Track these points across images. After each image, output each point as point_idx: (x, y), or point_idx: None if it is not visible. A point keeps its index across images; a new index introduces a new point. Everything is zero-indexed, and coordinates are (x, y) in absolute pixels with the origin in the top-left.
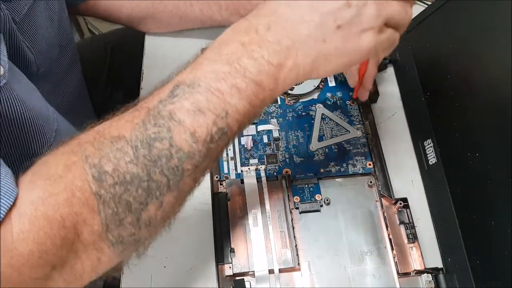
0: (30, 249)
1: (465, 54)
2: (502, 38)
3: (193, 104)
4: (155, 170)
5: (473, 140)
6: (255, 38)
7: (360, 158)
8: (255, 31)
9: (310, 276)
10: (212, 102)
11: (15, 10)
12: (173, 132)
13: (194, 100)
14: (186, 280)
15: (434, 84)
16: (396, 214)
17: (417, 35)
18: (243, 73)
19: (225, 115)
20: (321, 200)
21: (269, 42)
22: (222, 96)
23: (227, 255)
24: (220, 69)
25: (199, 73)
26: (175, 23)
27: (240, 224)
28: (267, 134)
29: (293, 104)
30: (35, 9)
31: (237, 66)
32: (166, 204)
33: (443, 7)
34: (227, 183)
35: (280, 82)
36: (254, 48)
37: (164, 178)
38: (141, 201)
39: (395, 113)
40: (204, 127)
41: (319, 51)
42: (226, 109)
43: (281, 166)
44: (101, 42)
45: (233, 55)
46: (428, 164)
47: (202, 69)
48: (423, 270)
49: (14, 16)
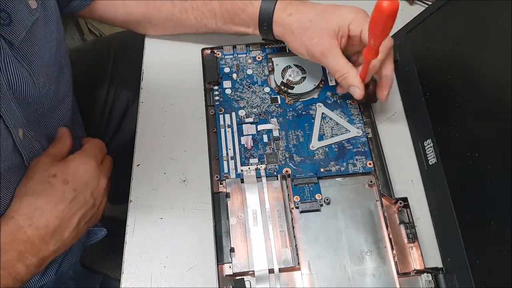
0: None
1: (465, 54)
2: (502, 38)
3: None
4: None
5: (473, 140)
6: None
7: (360, 158)
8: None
9: (310, 275)
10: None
11: (14, 34)
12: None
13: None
14: (186, 280)
15: (434, 84)
16: (396, 213)
17: (417, 35)
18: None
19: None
20: (321, 200)
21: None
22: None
23: (227, 255)
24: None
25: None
26: (170, 28)
27: (240, 224)
28: (267, 134)
29: (293, 104)
30: (34, 31)
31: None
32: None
33: (443, 7)
34: (227, 183)
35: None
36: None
37: None
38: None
39: (395, 113)
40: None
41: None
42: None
43: (281, 165)
44: (104, 45)
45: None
46: (428, 164)
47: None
48: (423, 270)
49: (13, 40)
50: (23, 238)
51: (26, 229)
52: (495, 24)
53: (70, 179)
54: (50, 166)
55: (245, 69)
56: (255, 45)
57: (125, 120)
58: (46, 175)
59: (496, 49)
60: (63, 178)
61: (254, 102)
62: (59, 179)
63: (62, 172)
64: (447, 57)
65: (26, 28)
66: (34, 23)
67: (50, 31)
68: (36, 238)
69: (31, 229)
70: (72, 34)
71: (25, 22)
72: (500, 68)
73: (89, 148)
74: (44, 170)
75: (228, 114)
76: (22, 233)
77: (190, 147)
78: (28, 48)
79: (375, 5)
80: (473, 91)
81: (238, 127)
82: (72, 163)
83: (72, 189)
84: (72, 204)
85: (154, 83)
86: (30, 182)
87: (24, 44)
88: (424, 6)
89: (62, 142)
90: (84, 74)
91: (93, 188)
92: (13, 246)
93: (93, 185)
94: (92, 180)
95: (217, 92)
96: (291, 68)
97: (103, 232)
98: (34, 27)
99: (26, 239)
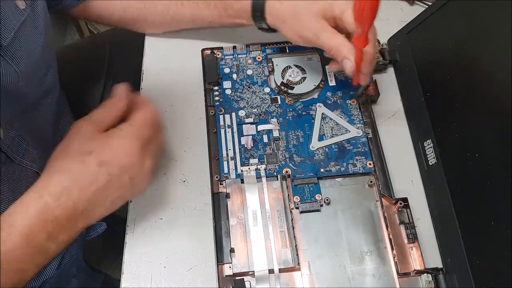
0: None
1: (465, 54)
2: (502, 38)
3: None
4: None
5: (473, 140)
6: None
7: (360, 158)
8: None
9: (310, 276)
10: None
11: (2, 34)
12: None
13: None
14: (186, 280)
15: (434, 84)
16: (396, 214)
17: (417, 35)
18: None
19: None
20: (321, 200)
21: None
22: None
23: (227, 255)
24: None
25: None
26: (167, 23)
27: (240, 224)
28: (267, 134)
29: (293, 104)
30: (23, 31)
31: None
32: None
33: (443, 7)
34: (227, 183)
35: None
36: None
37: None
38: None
39: (395, 113)
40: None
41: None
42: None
43: (281, 165)
44: (100, 41)
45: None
46: (428, 164)
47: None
48: (423, 270)
49: (1, 41)
50: (51, 218)
51: (54, 209)
52: (495, 24)
53: (107, 161)
54: (88, 140)
55: (245, 70)
56: (255, 46)
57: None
58: (82, 151)
59: (496, 49)
60: (99, 158)
61: (254, 103)
62: (94, 159)
63: (100, 150)
64: (447, 57)
65: (14, 29)
66: (23, 23)
67: (39, 31)
68: (63, 218)
69: (59, 209)
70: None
71: (13, 23)
72: (500, 68)
73: (137, 122)
74: (81, 143)
75: (228, 114)
76: (50, 213)
77: (190, 147)
78: (17, 49)
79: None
80: (473, 91)
81: (238, 128)
82: (114, 141)
83: (107, 173)
84: (105, 187)
85: (154, 83)
86: (64, 157)
87: (12, 45)
88: (424, 6)
89: (110, 107)
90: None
91: (133, 173)
92: (44, 227)
93: (134, 170)
94: (133, 166)
95: (217, 93)
96: (291, 68)
97: (103, 227)
98: (22, 27)
99: (53, 219)
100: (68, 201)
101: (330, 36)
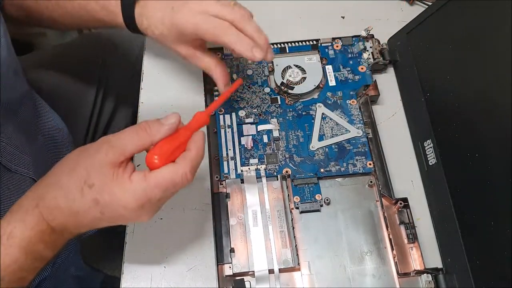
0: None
1: (465, 55)
2: (502, 38)
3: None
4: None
5: (473, 140)
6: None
7: (360, 158)
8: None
9: (310, 276)
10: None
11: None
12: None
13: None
14: (186, 280)
15: (434, 84)
16: (396, 214)
17: (417, 35)
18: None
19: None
20: (321, 200)
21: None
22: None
23: (227, 255)
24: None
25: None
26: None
27: (240, 224)
28: (267, 134)
29: (293, 104)
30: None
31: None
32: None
33: (443, 7)
34: (227, 183)
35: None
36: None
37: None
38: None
39: (395, 113)
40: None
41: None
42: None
43: (281, 166)
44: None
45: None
46: (428, 164)
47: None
48: (423, 270)
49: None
50: (48, 230)
51: (49, 222)
52: (495, 25)
53: (103, 204)
54: (97, 170)
55: (245, 70)
56: None
57: (114, 120)
58: (85, 179)
59: (496, 49)
60: (96, 197)
61: (254, 103)
62: (92, 195)
63: (100, 190)
64: (447, 58)
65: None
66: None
67: (5, 36)
68: (58, 229)
69: (53, 223)
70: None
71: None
72: (500, 68)
73: (153, 181)
74: (90, 170)
75: (228, 114)
76: (45, 224)
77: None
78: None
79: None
80: (473, 92)
81: (238, 128)
82: (117, 190)
83: (99, 211)
84: (94, 221)
85: (154, 83)
86: (68, 174)
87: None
88: (424, 6)
89: (143, 137)
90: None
91: (126, 221)
92: (41, 238)
93: (127, 220)
94: (126, 219)
95: (217, 93)
96: (291, 68)
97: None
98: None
99: (50, 232)
100: (60, 218)
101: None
